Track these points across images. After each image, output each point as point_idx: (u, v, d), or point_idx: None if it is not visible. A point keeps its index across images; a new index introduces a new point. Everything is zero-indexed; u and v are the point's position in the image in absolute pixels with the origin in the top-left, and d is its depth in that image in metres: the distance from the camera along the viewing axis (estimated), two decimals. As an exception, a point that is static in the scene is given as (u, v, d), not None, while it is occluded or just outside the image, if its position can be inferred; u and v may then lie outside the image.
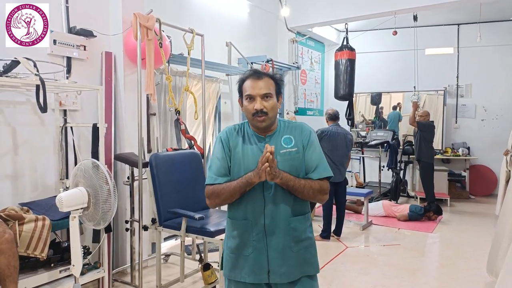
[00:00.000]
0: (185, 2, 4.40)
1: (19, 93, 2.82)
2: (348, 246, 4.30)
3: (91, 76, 3.29)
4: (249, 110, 1.56)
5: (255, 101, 1.54)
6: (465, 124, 7.23)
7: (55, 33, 2.99)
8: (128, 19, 3.24)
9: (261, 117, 1.55)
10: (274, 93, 1.58)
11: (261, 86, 1.55)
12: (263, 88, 1.55)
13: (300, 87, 6.72)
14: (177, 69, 4.08)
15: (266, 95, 1.55)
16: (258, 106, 1.53)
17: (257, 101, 1.54)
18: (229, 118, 5.24)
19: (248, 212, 1.58)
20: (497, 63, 6.93)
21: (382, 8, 5.37)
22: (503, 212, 3.13)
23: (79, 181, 2.47)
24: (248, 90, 1.56)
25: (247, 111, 1.58)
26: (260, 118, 1.55)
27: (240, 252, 1.60)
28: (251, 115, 1.56)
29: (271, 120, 1.58)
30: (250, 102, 1.56)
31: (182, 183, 2.95)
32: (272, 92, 1.57)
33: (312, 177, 1.58)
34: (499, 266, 2.96)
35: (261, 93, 1.54)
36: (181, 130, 3.45)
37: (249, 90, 1.56)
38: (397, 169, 6.55)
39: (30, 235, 2.33)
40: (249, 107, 1.56)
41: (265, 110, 1.54)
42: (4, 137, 2.78)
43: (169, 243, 4.22)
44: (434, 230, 4.95)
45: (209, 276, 2.88)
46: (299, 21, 6.10)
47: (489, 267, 3.17)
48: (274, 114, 1.58)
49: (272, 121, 1.59)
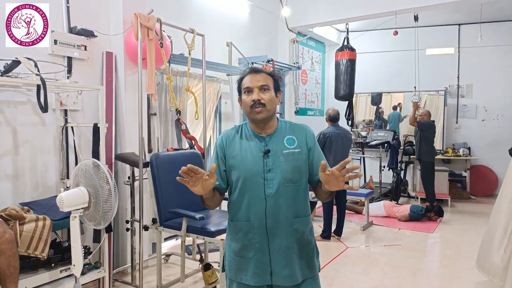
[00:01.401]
0: (186, 2, 4.40)
1: (20, 93, 2.82)
2: (348, 246, 4.29)
3: (92, 76, 3.29)
4: (247, 103, 1.57)
5: (253, 93, 1.56)
6: (465, 124, 7.23)
7: (56, 33, 3.00)
8: (129, 19, 3.24)
9: (258, 108, 1.55)
10: (272, 88, 1.60)
11: (259, 79, 1.57)
12: (260, 80, 1.57)
13: (301, 87, 6.71)
14: (177, 69, 4.08)
15: (263, 87, 1.57)
16: (255, 96, 1.55)
17: (255, 92, 1.55)
18: (230, 118, 5.24)
19: (250, 213, 1.57)
20: (498, 63, 6.92)
21: (383, 8, 5.36)
22: (497, 209, 3.12)
23: (80, 181, 2.47)
24: (246, 83, 1.59)
25: (245, 104, 1.59)
26: (258, 109, 1.55)
27: (244, 254, 1.59)
28: (249, 107, 1.57)
29: (269, 113, 1.58)
30: (248, 95, 1.57)
31: (182, 183, 2.94)
32: (269, 85, 1.58)
33: None
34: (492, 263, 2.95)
35: (259, 85, 1.56)
36: (182, 130, 3.45)
37: (247, 83, 1.58)
38: (398, 170, 6.55)
39: (30, 235, 2.33)
40: (247, 100, 1.57)
41: (262, 101, 1.55)
42: (5, 137, 2.78)
43: (170, 243, 4.21)
44: (434, 230, 4.94)
45: (210, 276, 2.88)
46: (299, 21, 6.10)
47: (479, 263, 3.16)
48: (271, 107, 1.58)
49: (270, 115, 1.58)
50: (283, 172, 1.54)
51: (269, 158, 1.55)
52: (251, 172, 1.55)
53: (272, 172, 1.54)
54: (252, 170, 1.55)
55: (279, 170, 1.54)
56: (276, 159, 1.55)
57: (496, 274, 2.91)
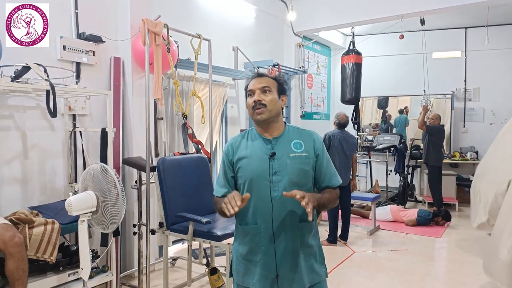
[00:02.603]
0: (193, 8, 4.44)
1: (29, 98, 2.86)
2: (355, 251, 4.28)
3: (99, 81, 3.33)
4: (249, 104, 1.62)
5: (254, 95, 1.60)
6: (473, 128, 7.17)
7: (65, 38, 3.04)
8: (137, 24, 3.27)
9: (259, 109, 1.58)
10: (275, 90, 1.63)
11: (261, 81, 1.62)
12: (262, 82, 1.62)
13: (307, 91, 6.72)
14: (184, 73, 4.11)
15: (264, 89, 1.60)
16: (256, 97, 1.59)
17: (256, 94, 1.60)
18: (236, 123, 5.26)
19: (257, 216, 1.58)
20: (505, 67, 6.87)
21: (389, 12, 5.36)
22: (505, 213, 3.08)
23: (88, 185, 2.49)
24: (250, 87, 1.64)
25: (248, 107, 1.64)
26: (258, 110, 1.58)
27: (251, 258, 1.60)
28: (251, 109, 1.61)
29: (271, 114, 1.59)
30: (251, 98, 1.62)
31: (189, 187, 2.96)
32: (271, 87, 1.62)
33: (329, 184, 1.64)
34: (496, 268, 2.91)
35: (260, 87, 1.60)
36: (188, 135, 3.47)
37: (250, 87, 1.64)
38: (405, 174, 6.51)
39: (39, 239, 2.36)
40: (249, 102, 1.62)
41: (263, 101, 1.58)
42: (14, 141, 2.82)
43: (176, 247, 4.22)
44: (442, 235, 4.90)
45: (216, 280, 2.89)
46: (305, 26, 6.12)
47: (486, 267, 3.12)
48: (273, 108, 1.60)
49: (272, 116, 1.60)
50: (289, 175, 1.55)
51: (275, 161, 1.56)
52: (257, 174, 1.56)
53: (278, 174, 1.55)
54: (257, 172, 1.56)
55: (285, 173, 1.55)
56: (282, 162, 1.56)
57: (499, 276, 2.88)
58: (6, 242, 2.15)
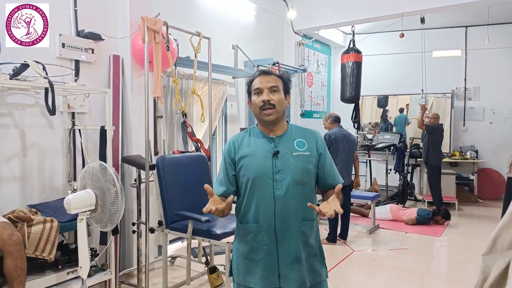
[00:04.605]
0: (192, 6, 4.42)
1: (28, 95, 2.85)
2: (355, 250, 4.27)
3: (99, 79, 3.32)
4: (256, 104, 1.59)
5: (263, 94, 1.57)
6: (473, 127, 7.17)
7: (64, 36, 3.02)
8: (136, 22, 3.26)
9: (268, 110, 1.56)
10: (282, 90, 1.61)
11: (269, 80, 1.59)
12: (270, 81, 1.59)
13: (306, 89, 6.71)
14: (184, 72, 4.09)
15: (273, 88, 1.58)
16: (265, 97, 1.56)
17: (264, 93, 1.57)
18: (235, 121, 5.25)
19: (259, 214, 1.57)
20: (505, 66, 6.86)
21: (389, 10, 5.35)
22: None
23: (87, 183, 2.48)
24: (256, 85, 1.60)
25: (254, 105, 1.60)
26: (267, 111, 1.56)
27: (252, 257, 1.59)
28: (259, 108, 1.58)
29: (278, 115, 1.58)
30: (258, 96, 1.59)
31: (188, 186, 2.95)
32: (279, 86, 1.60)
33: (333, 183, 1.62)
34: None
35: (269, 86, 1.58)
36: (188, 133, 3.46)
37: (257, 84, 1.60)
38: (405, 173, 6.51)
39: (38, 237, 2.35)
40: (256, 101, 1.59)
41: (272, 102, 1.56)
42: (13, 139, 2.81)
43: (176, 246, 4.22)
44: (442, 234, 4.90)
45: (215, 279, 2.88)
46: (305, 24, 6.11)
47: None
48: (281, 108, 1.59)
49: (279, 117, 1.59)
50: (293, 173, 1.54)
51: (278, 160, 1.55)
52: (260, 172, 1.55)
53: (281, 173, 1.54)
54: (261, 171, 1.55)
55: (289, 172, 1.54)
56: (285, 161, 1.55)
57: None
58: (5, 240, 2.14)
